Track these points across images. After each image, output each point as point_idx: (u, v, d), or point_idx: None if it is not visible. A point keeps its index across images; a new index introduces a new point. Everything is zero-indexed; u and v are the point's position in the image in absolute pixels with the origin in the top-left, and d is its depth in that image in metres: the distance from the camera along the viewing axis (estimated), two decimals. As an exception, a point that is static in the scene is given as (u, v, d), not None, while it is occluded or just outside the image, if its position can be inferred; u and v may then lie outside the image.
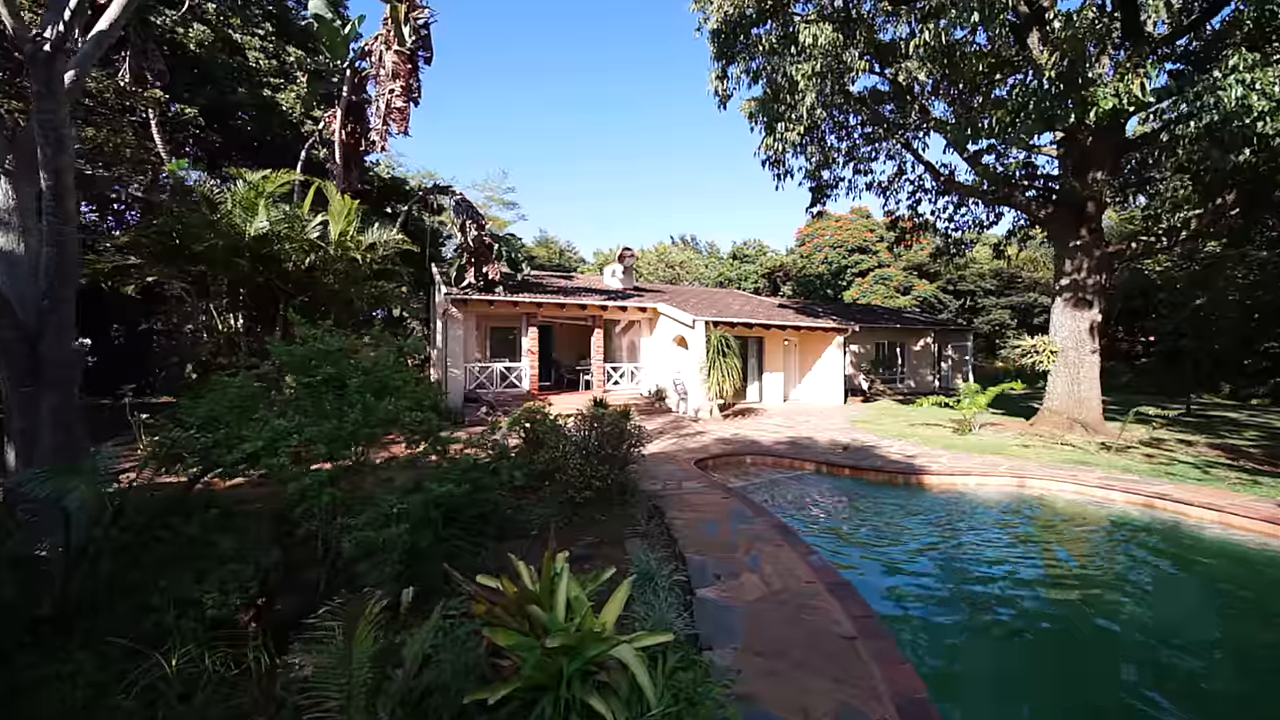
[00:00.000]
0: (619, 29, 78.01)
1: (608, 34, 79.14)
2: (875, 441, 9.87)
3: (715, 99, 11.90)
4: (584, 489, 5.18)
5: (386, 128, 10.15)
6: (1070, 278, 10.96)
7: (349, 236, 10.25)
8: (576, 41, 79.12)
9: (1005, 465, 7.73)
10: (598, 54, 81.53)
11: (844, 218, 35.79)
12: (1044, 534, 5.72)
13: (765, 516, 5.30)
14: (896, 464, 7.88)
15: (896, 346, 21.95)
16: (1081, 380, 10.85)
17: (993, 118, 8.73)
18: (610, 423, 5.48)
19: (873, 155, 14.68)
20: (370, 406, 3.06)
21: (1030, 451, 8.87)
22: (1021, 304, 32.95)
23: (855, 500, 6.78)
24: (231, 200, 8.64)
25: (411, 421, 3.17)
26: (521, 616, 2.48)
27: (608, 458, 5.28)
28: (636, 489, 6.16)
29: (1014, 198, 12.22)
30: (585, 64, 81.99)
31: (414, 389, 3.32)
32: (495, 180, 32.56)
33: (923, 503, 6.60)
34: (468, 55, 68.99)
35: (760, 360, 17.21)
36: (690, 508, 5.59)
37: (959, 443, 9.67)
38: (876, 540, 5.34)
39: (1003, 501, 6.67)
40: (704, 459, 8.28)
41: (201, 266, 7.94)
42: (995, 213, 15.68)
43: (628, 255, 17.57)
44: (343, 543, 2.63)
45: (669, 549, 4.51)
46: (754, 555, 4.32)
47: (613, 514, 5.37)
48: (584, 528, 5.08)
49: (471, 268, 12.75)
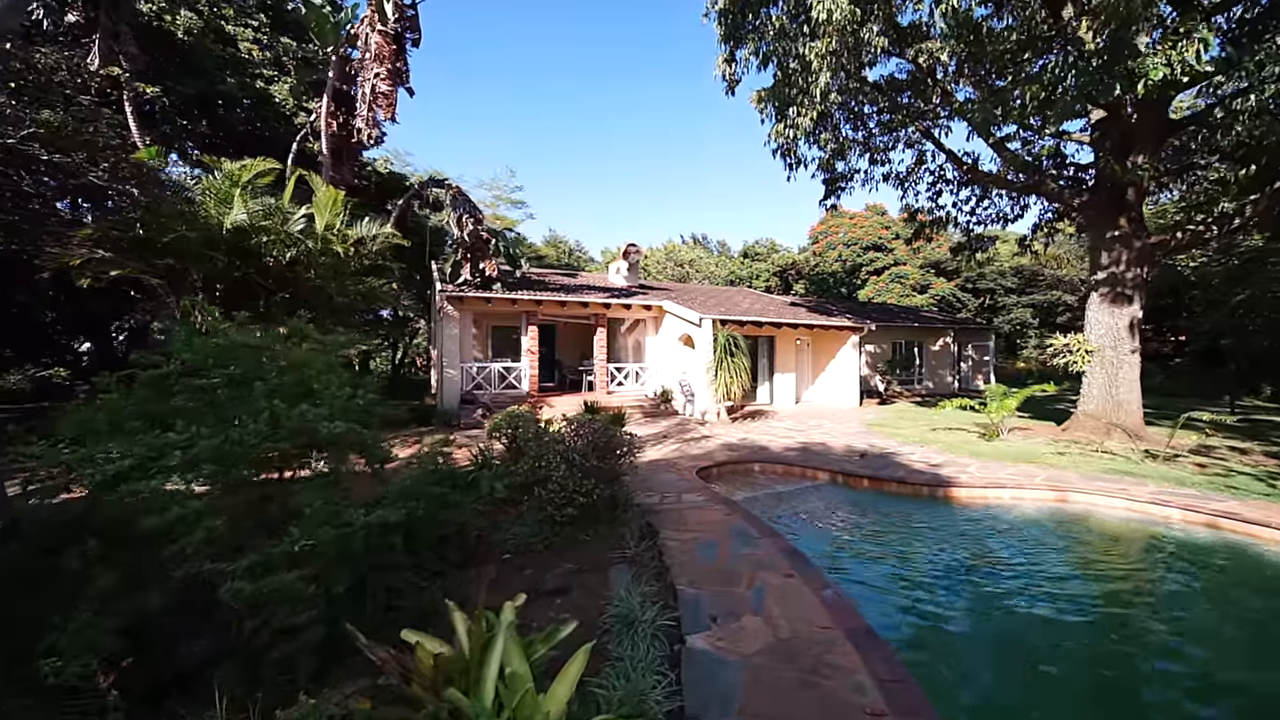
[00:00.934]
0: (629, 30, 77.52)
1: (610, 34, 78.69)
2: (895, 448, 9.13)
3: (723, 83, 11.23)
4: (565, 505, 4.56)
5: (373, 114, 9.64)
6: (1108, 271, 10.11)
7: (335, 230, 9.77)
8: (580, 42, 78.79)
9: (1042, 476, 6.96)
10: (600, 54, 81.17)
11: (858, 215, 34.83)
12: (1099, 561, 4.97)
13: (773, 538, 4.64)
14: (920, 474, 7.16)
15: (914, 346, 21.06)
16: (1120, 382, 10.00)
17: (1026, 94, 7.96)
18: (598, 431, 4.86)
19: (890, 144, 13.88)
20: (279, 414, 2.48)
21: (1067, 460, 8.08)
22: (1044, 303, 31.70)
23: (876, 516, 6.07)
24: (205, 190, 8.18)
25: (330, 434, 2.58)
26: (439, 699, 1.86)
27: (592, 470, 4.65)
28: (630, 502, 5.54)
29: (1045, 186, 11.38)
30: (591, 64, 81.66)
31: (338, 393, 2.73)
32: (503, 179, 32.02)
33: (953, 520, 5.88)
34: (474, 55, 69.04)
35: (771, 360, 16.49)
36: (688, 526, 4.95)
37: (986, 449, 8.89)
38: (901, 567, 4.65)
39: (1043, 519, 5.93)
40: (707, 467, 7.63)
41: (170, 260, 7.47)
42: (1021, 205, 14.79)
43: (633, 251, 16.95)
44: (221, 593, 2.06)
45: (660, 580, 3.88)
46: (758, 588, 3.67)
47: (600, 533, 4.75)
48: (565, 549, 4.46)
49: (467, 263, 12.23)
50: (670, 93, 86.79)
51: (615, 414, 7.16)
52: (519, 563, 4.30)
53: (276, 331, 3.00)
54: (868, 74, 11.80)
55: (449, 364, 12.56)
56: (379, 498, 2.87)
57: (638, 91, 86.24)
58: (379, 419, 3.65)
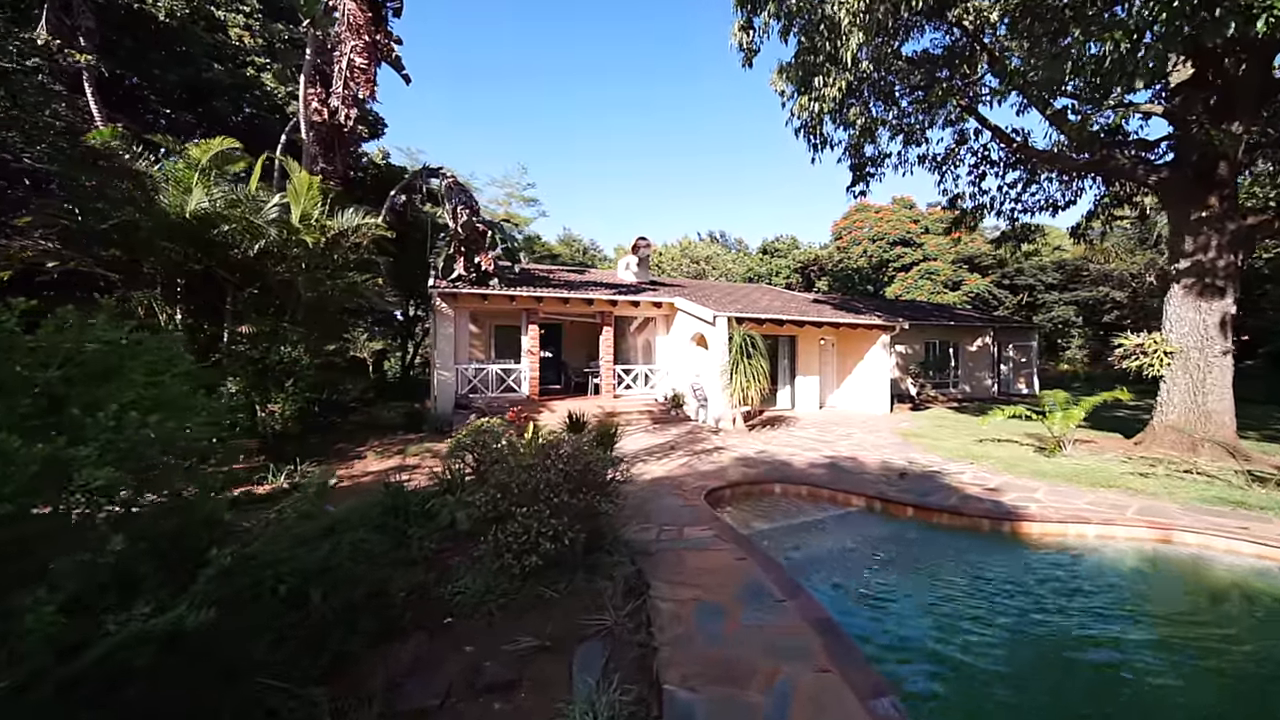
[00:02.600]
0: (640, 27, 76.43)
1: (619, 33, 77.71)
2: (939, 464, 7.87)
3: (739, 54, 10.07)
4: (528, 553, 3.52)
5: (350, 92, 8.78)
6: (1193, 259, 8.65)
7: (315, 220, 8.95)
8: (587, 42, 78.03)
9: (1134, 507, 5.65)
10: (605, 52, 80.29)
11: (884, 208, 33.13)
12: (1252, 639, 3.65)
13: (799, 599, 3.52)
14: (978, 502, 5.92)
15: (949, 347, 19.50)
16: (1208, 389, 8.53)
17: (1104, 45, 6.63)
18: (573, 457, 3.81)
19: (928, 123, 12.50)
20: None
21: (1154, 484, 6.72)
22: (1089, 299, 29.50)
23: (929, 561, 4.87)
24: (168, 176, 7.40)
25: (91, 483, 1.58)
26: None
27: (564, 507, 3.60)
28: (617, 540, 4.48)
29: (1113, 161, 9.92)
30: (596, 63, 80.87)
31: (119, 420, 1.73)
32: (514, 176, 31.30)
33: (1029, 567, 4.65)
34: (485, 54, 68.94)
35: (792, 362, 15.23)
36: (688, 578, 3.86)
37: (1049, 468, 7.57)
38: (979, 651, 3.41)
39: (1145, 567, 4.66)
40: (719, 488, 6.51)
41: (117, 252, 6.69)
42: (1075, 190, 13.27)
43: (642, 245, 15.87)
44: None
45: (643, 673, 2.80)
46: (780, 692, 2.57)
47: (574, 585, 3.70)
48: (526, 612, 3.42)
49: (461, 257, 11.33)
50: (681, 92, 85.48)
51: (605, 429, 6.09)
52: (461, 631, 3.27)
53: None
54: (901, 47, 10.54)
55: (442, 365, 11.69)
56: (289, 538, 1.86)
57: (649, 91, 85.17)
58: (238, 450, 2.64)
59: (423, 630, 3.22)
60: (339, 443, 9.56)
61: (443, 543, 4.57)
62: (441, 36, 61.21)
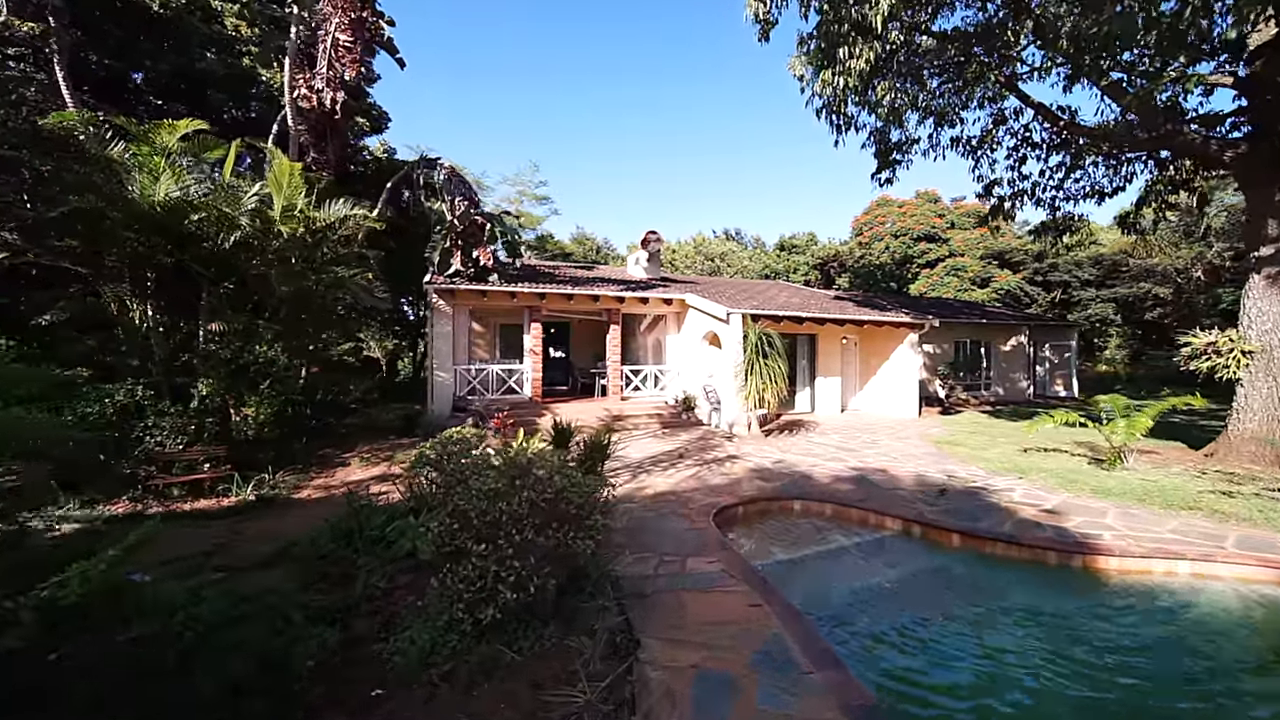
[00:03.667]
0: (652, 27, 75.55)
1: (630, 32, 76.89)
2: (982, 479, 6.95)
3: (755, 26, 9.21)
4: (485, 603, 2.79)
5: (335, 72, 8.20)
6: (1277, 245, 7.56)
7: (299, 211, 8.39)
8: (604, 41, 77.40)
9: (1232, 538, 4.70)
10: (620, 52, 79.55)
11: (908, 202, 31.81)
12: None
13: (829, 670, 2.72)
14: (1037, 529, 5.01)
15: (980, 346, 18.31)
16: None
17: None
18: (543, 484, 3.06)
19: (962, 103, 11.48)
20: None
21: (1242, 505, 5.71)
22: (1128, 296, 27.79)
23: (987, 607, 4.00)
24: (138, 162, 6.87)
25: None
26: None
27: (524, 546, 2.86)
28: (605, 575, 3.73)
29: (1180, 136, 8.83)
30: (609, 63, 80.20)
31: None
32: (526, 174, 30.72)
33: (1114, 617, 3.76)
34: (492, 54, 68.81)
35: (812, 362, 14.29)
36: (688, 635, 3.08)
37: (1113, 485, 6.58)
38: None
39: (1264, 624, 3.73)
40: (729, 507, 5.71)
41: (74, 243, 6.17)
42: (1125, 174, 12.08)
43: (652, 239, 15.08)
44: None
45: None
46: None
47: (545, 642, 2.96)
48: (479, 681, 2.68)
49: (459, 250, 10.70)
50: (694, 92, 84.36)
51: (597, 443, 5.33)
52: (391, 710, 2.54)
53: None
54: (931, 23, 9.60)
55: (439, 365, 11.07)
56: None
57: (662, 91, 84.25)
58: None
59: (338, 709, 2.50)
60: (326, 448, 8.99)
61: (399, 576, 3.89)
62: (446, 36, 61.25)
